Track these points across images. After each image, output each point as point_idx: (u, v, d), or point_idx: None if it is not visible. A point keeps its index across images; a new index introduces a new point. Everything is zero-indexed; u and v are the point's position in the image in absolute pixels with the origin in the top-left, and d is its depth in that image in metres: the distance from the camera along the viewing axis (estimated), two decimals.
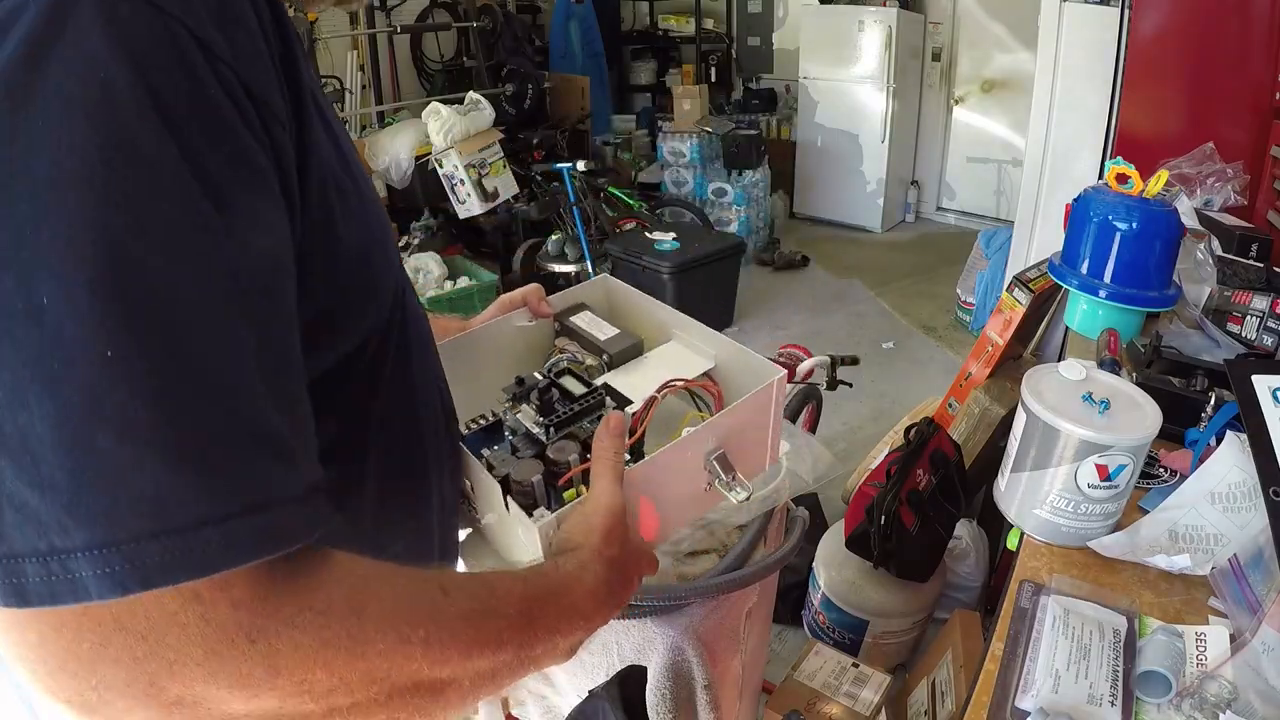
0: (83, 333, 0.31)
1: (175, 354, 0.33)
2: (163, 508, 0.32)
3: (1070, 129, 2.62)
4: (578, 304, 0.94)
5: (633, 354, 0.87)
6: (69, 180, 0.31)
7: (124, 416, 0.32)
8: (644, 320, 0.93)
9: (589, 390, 0.76)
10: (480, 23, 4.51)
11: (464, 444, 0.72)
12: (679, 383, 0.78)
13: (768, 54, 5.96)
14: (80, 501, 0.31)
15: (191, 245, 0.34)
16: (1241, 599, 0.77)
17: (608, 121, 5.68)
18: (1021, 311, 1.80)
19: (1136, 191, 1.31)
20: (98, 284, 0.31)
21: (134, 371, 0.32)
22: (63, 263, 0.31)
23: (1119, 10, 2.23)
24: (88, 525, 0.31)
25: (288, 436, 0.37)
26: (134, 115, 0.33)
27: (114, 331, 0.32)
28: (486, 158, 3.78)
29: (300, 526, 0.37)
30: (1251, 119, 1.99)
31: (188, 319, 0.34)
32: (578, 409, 0.74)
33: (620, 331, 0.89)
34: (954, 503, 1.72)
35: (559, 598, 0.51)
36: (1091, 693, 0.69)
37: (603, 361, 0.86)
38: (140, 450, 0.32)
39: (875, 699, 1.42)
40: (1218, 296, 1.36)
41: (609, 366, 0.85)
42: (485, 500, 0.70)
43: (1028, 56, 4.45)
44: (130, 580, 0.32)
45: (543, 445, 0.72)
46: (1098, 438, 0.82)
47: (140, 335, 0.32)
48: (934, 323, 3.95)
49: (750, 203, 4.77)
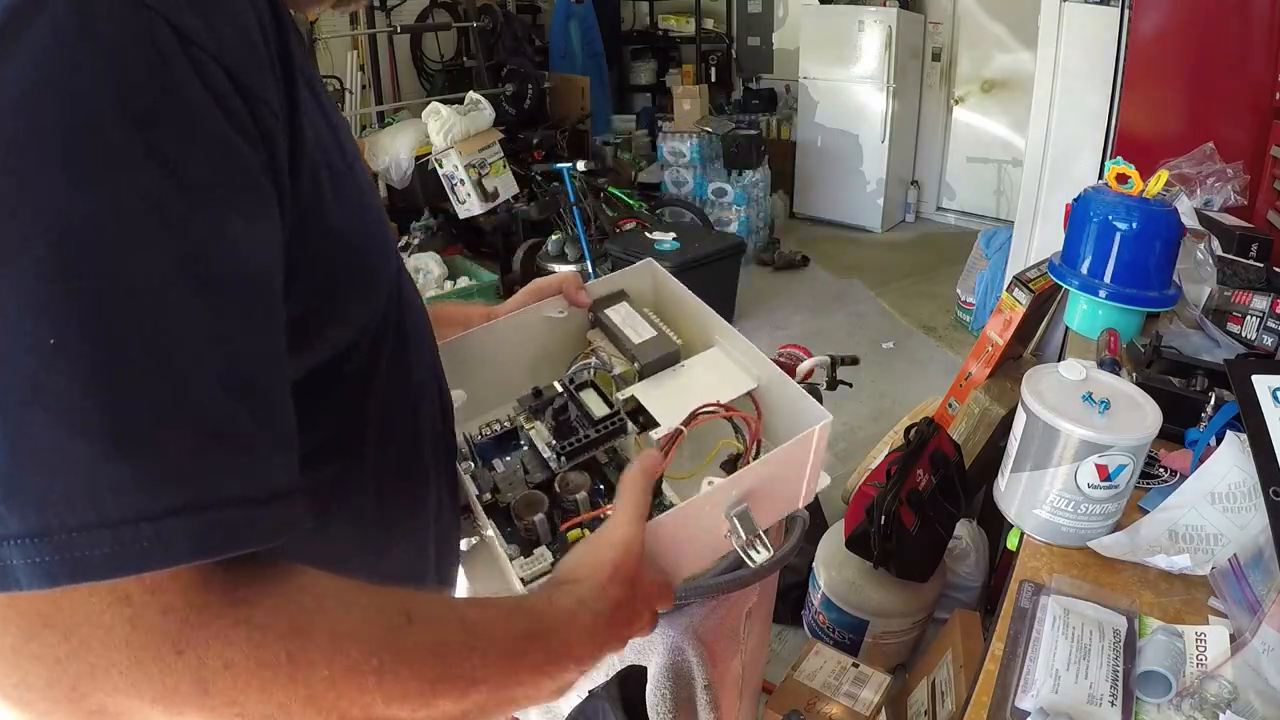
0: (26, 318, 0.31)
1: (122, 341, 0.32)
2: (97, 499, 0.31)
3: (1070, 129, 2.62)
4: (617, 292, 0.84)
5: (668, 363, 0.78)
6: (23, 164, 0.31)
7: (62, 403, 0.31)
8: (686, 319, 0.83)
9: (610, 414, 0.69)
10: (480, 23, 4.51)
11: (475, 451, 0.68)
12: (711, 409, 0.69)
13: (768, 54, 5.96)
14: (15, 489, 0.31)
15: (148, 233, 0.33)
16: (1241, 599, 0.77)
17: (608, 121, 5.67)
18: (1021, 311, 1.80)
19: (1136, 191, 1.31)
20: (45, 269, 0.31)
21: (75, 357, 0.31)
22: (9, 247, 0.31)
23: (1119, 10, 2.23)
24: (20, 513, 0.30)
25: (253, 433, 0.36)
26: (99, 103, 0.32)
27: (58, 317, 0.31)
28: (486, 158, 3.78)
29: (250, 531, 0.35)
30: (1251, 119, 1.99)
31: (138, 307, 0.32)
32: (595, 435, 0.68)
33: (658, 335, 0.79)
34: (954, 503, 1.72)
35: (549, 637, 0.47)
36: (1091, 693, 0.69)
37: (634, 370, 0.77)
38: (77, 438, 0.31)
39: (875, 699, 1.42)
40: (1218, 296, 1.36)
41: (639, 376, 0.76)
42: (484, 516, 0.66)
43: (1028, 56, 4.44)
44: (58, 572, 0.31)
45: (552, 474, 0.67)
46: (1098, 438, 0.82)
47: (85, 322, 0.31)
48: (934, 323, 3.95)
49: (750, 203, 4.77)
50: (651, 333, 0.79)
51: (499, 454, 0.70)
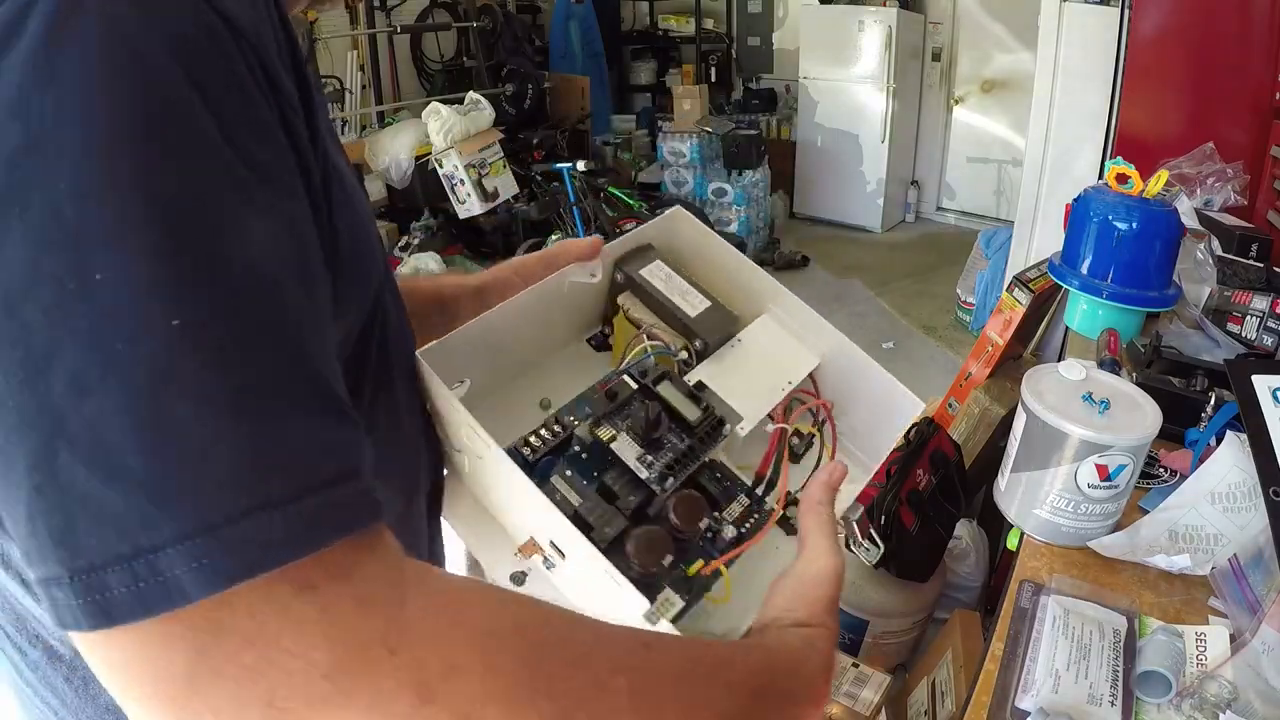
0: (144, 304, 0.28)
1: (244, 319, 0.30)
2: (257, 480, 0.28)
3: (1070, 129, 2.62)
4: (644, 245, 0.69)
5: (729, 331, 0.66)
6: (110, 150, 0.29)
7: (201, 388, 0.28)
8: (725, 280, 0.70)
9: (704, 415, 0.56)
10: (480, 23, 4.52)
11: (535, 470, 0.53)
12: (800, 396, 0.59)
13: (768, 54, 5.96)
14: (163, 487, 0.27)
15: (241, 213, 0.32)
16: (1241, 599, 0.77)
17: (608, 121, 5.68)
18: (1021, 311, 1.80)
19: (1136, 191, 1.31)
20: (154, 252, 0.29)
21: (204, 339, 0.29)
22: (113, 234, 0.28)
23: (1119, 10, 2.23)
24: (175, 512, 0.27)
25: (349, 409, 0.34)
26: (172, 87, 0.31)
27: (177, 299, 0.29)
28: (486, 158, 3.78)
29: (375, 504, 0.32)
30: (1251, 119, 1.99)
31: (250, 285, 0.31)
32: (694, 443, 0.54)
33: (713, 304, 0.66)
34: (954, 503, 1.72)
35: (789, 677, 0.43)
36: (1091, 693, 0.69)
37: (695, 349, 0.64)
38: (223, 421, 0.28)
39: (875, 699, 1.42)
40: (1218, 296, 1.36)
41: (699, 357, 0.64)
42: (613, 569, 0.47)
43: (1028, 56, 4.44)
44: (232, 566, 0.27)
45: (650, 493, 0.52)
46: (1098, 438, 0.81)
47: (205, 301, 0.29)
48: (934, 323, 3.95)
49: (750, 203, 4.77)
50: (705, 302, 0.66)
51: (558, 470, 0.54)
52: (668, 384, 0.57)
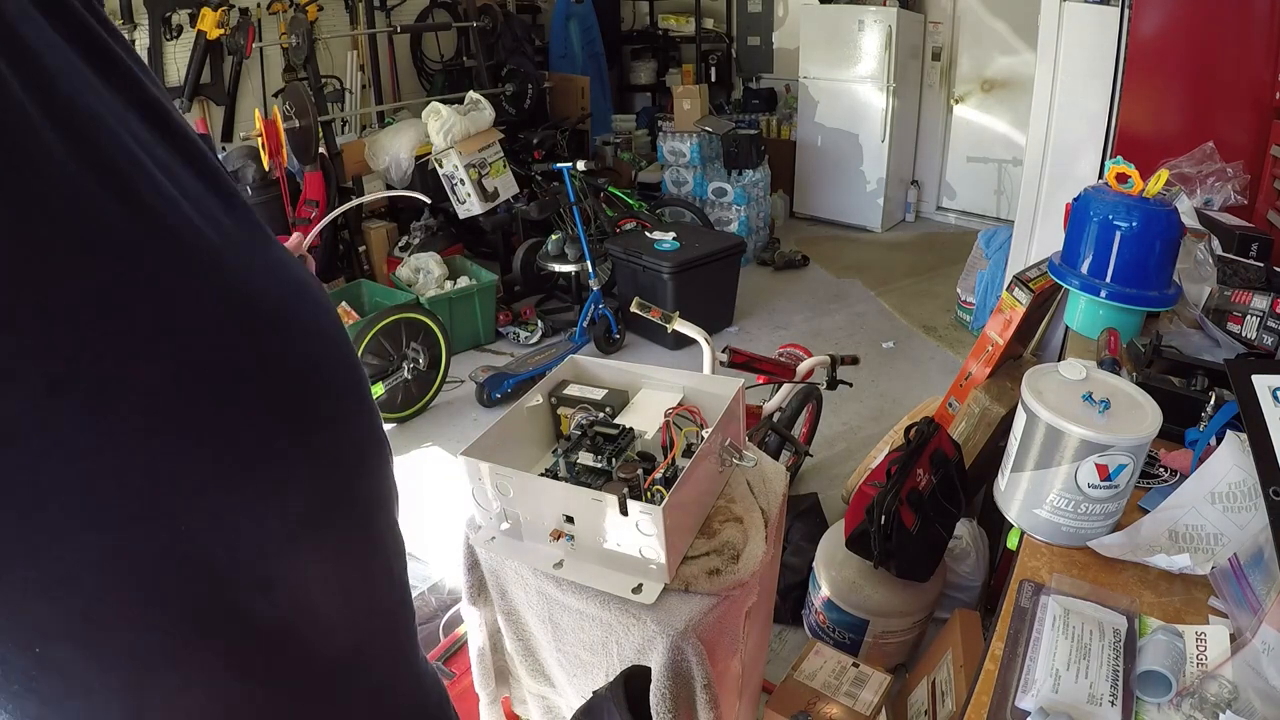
0: None
1: None
2: None
3: (1070, 129, 2.62)
4: (561, 381, 1.21)
5: (624, 401, 1.17)
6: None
7: None
8: (613, 380, 1.22)
9: (620, 431, 1.09)
10: (480, 23, 4.51)
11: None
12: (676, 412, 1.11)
13: (768, 54, 5.96)
14: None
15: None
16: (1241, 599, 0.77)
17: (608, 121, 5.68)
18: (1021, 311, 1.80)
19: (1136, 191, 1.31)
20: None
21: None
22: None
23: (1119, 10, 2.23)
24: None
25: None
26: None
27: None
28: (486, 158, 3.78)
29: None
30: (1251, 119, 2.00)
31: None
32: (621, 443, 1.07)
33: (607, 390, 1.17)
34: (954, 503, 1.72)
35: None
36: (1091, 692, 0.69)
37: (606, 413, 1.14)
38: None
39: (875, 699, 1.42)
40: (1218, 296, 1.36)
41: (612, 415, 1.14)
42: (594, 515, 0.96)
43: (1028, 56, 4.45)
44: None
45: (608, 474, 1.02)
46: (1098, 438, 0.82)
47: None
48: (934, 322, 3.95)
49: (750, 202, 4.77)
50: (604, 390, 1.18)
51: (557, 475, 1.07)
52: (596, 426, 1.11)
